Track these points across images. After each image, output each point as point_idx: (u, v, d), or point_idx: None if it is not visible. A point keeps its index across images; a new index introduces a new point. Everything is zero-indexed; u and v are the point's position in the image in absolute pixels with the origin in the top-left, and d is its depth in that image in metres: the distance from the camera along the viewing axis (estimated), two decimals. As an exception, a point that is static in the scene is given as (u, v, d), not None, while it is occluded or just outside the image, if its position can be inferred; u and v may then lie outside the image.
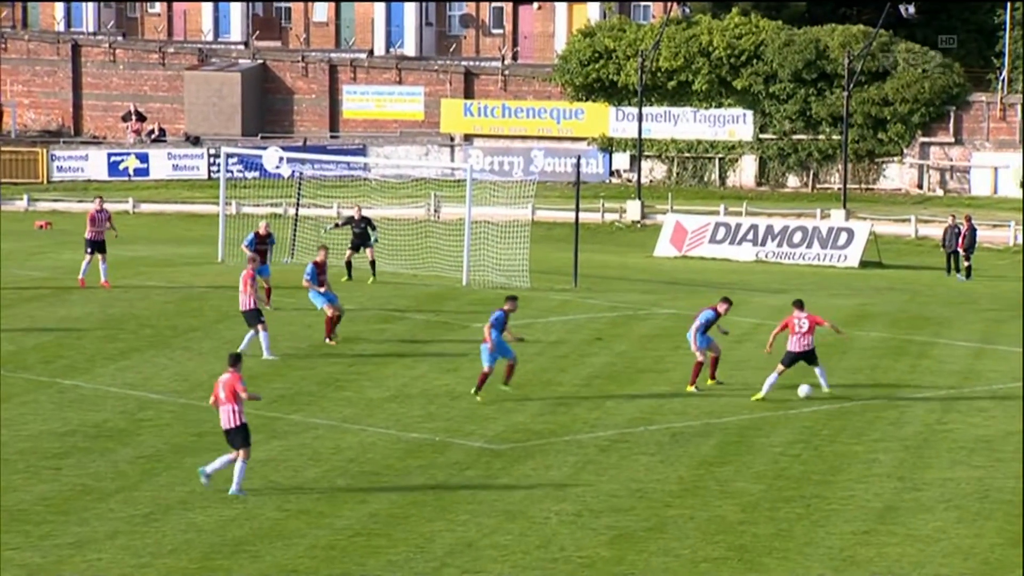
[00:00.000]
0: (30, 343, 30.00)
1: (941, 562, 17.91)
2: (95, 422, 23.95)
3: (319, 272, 30.91)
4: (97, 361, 28.57)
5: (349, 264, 39.07)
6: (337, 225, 41.52)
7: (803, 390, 26.27)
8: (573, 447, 22.67)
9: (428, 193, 55.09)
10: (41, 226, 52.86)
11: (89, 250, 36.69)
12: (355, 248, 39.10)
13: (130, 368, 28.06)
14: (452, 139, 67.73)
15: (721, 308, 26.97)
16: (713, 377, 27.18)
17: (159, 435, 23.34)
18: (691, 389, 26.78)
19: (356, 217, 39.51)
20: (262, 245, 35.19)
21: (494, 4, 74.90)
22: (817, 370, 26.75)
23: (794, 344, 26.40)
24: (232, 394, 19.97)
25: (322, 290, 30.95)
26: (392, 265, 41.03)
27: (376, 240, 39.25)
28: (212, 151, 63.69)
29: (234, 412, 20.00)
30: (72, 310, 33.55)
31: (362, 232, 39.08)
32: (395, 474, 21.50)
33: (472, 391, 26.08)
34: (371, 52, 73.13)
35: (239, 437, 20.06)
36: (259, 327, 29.07)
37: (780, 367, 26.48)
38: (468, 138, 67.41)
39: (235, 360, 20.33)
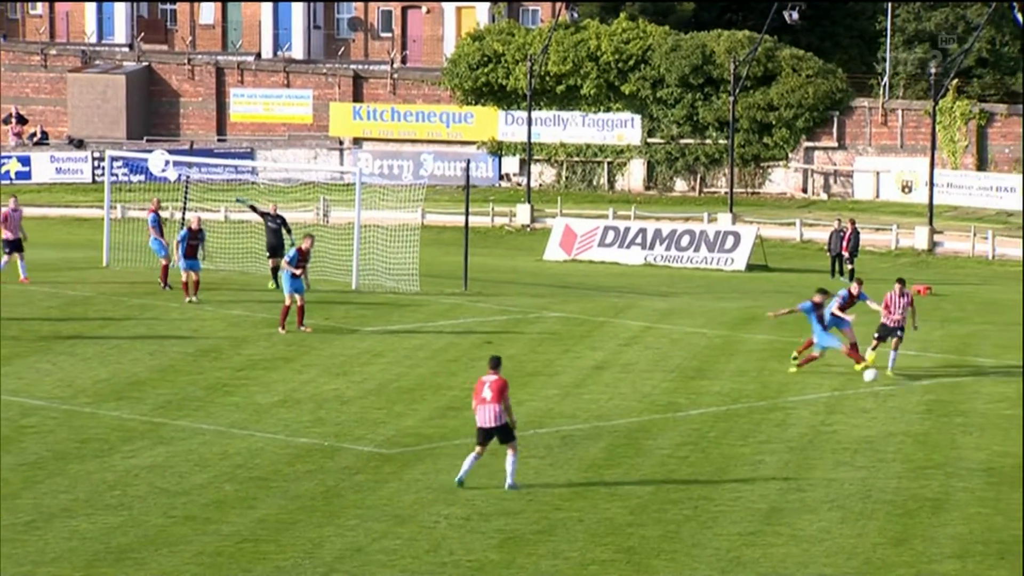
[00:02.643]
0: (-91, 349, 29.45)
1: (825, 562, 18.13)
2: (-25, 430, 23.54)
3: (301, 259, 32.17)
4: (-22, 367, 28.09)
5: (275, 271, 37.19)
6: (253, 207, 39.94)
7: (869, 375, 27.99)
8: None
9: (317, 197, 54.85)
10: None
11: (7, 250, 37.34)
12: (273, 252, 37.56)
13: (12, 374, 27.63)
14: (341, 143, 67.52)
15: (817, 299, 28.90)
16: (861, 360, 28.58)
17: (42, 441, 23.01)
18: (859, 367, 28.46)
19: (272, 212, 38.53)
20: (194, 240, 35.61)
21: (382, 7, 74.77)
22: (892, 354, 28.75)
23: (889, 318, 28.83)
24: (499, 395, 20.45)
25: (299, 273, 32.02)
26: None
27: (292, 244, 37.28)
28: (96, 154, 62.95)
29: (497, 412, 20.50)
30: (-48, 316, 32.95)
31: (276, 230, 37.75)
32: (284, 479, 21.36)
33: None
34: (258, 55, 72.71)
35: (503, 433, 20.58)
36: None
37: (874, 341, 28.94)
38: (357, 142, 67.24)
39: (497, 363, 20.92)
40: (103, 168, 55.18)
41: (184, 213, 44.10)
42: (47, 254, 44.35)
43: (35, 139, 66.50)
